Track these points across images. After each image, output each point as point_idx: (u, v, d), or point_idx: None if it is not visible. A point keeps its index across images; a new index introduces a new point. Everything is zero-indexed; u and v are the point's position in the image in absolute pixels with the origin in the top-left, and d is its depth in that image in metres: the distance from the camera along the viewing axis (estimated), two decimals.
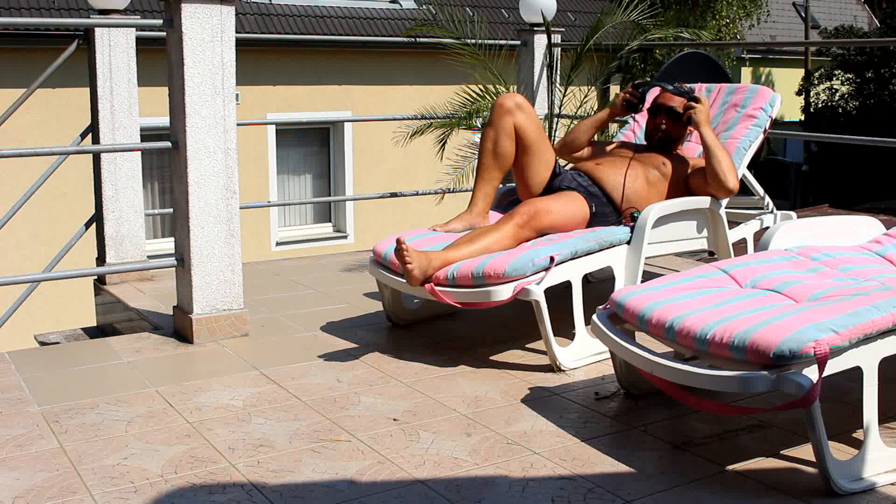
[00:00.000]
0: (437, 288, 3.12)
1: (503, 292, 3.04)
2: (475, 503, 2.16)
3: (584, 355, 3.18)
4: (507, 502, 2.17)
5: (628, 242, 3.35)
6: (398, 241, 3.08)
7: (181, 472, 2.33)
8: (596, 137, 4.05)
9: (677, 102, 3.68)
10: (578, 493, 2.21)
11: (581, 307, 3.21)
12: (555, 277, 3.11)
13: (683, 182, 3.62)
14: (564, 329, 3.20)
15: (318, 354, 3.30)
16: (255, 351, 3.34)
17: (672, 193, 3.60)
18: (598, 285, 3.82)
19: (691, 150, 3.90)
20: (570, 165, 3.87)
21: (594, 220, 3.49)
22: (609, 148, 3.86)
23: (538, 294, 3.03)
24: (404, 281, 3.29)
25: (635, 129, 4.18)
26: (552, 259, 3.08)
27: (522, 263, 3.04)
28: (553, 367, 3.10)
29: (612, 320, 2.67)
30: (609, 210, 3.52)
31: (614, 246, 3.31)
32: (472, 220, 3.56)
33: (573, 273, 3.19)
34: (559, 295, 3.19)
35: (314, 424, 2.64)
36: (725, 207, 3.62)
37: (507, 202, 3.74)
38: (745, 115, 3.85)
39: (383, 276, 3.41)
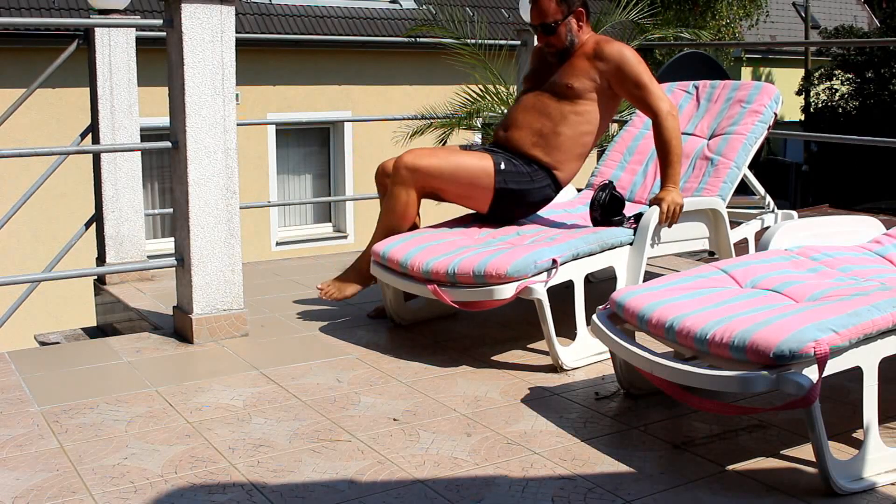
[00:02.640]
0: (439, 288, 3.13)
1: (506, 291, 3.04)
2: (475, 503, 2.16)
3: (585, 355, 3.18)
4: (507, 502, 2.17)
5: (631, 243, 3.35)
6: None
7: (181, 472, 2.33)
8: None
9: (543, 13, 3.53)
10: (578, 493, 2.21)
11: (583, 307, 3.21)
12: (557, 277, 3.11)
13: (602, 91, 3.52)
14: (564, 329, 3.20)
15: (318, 354, 3.30)
16: (255, 351, 3.34)
17: (601, 107, 3.53)
18: (600, 285, 3.82)
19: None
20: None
21: (506, 177, 3.45)
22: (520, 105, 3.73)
23: (541, 293, 3.03)
24: (406, 280, 3.30)
25: (638, 124, 4.18)
26: (555, 262, 3.08)
27: (525, 264, 3.04)
28: (556, 367, 3.10)
29: (612, 320, 2.67)
30: (521, 165, 3.48)
31: (616, 247, 3.31)
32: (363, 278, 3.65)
33: (575, 273, 3.19)
34: (559, 295, 3.19)
35: (314, 424, 2.64)
36: (727, 207, 3.62)
37: None
38: (751, 110, 3.85)
39: (385, 276, 3.41)
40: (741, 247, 3.88)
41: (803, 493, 2.21)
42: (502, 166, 3.49)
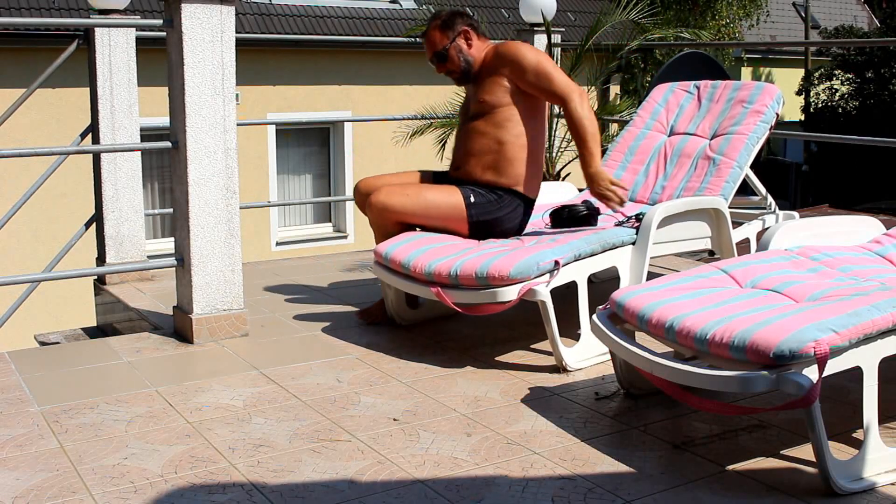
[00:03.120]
0: (442, 290, 3.13)
1: (509, 293, 3.04)
2: (475, 503, 2.16)
3: (589, 356, 3.18)
4: (507, 502, 2.17)
5: (633, 243, 3.34)
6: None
7: (181, 472, 2.33)
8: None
9: (432, 43, 3.61)
10: (578, 493, 2.21)
11: (586, 307, 3.21)
12: (560, 278, 3.11)
13: (516, 93, 3.52)
14: (565, 329, 3.20)
15: (318, 354, 3.30)
16: (255, 351, 3.34)
17: (524, 110, 3.52)
18: (601, 285, 3.82)
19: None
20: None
21: (478, 210, 3.47)
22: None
23: (545, 295, 3.03)
24: (408, 282, 3.30)
25: (639, 124, 4.18)
26: (557, 263, 3.08)
27: (527, 266, 3.04)
28: (559, 368, 3.10)
29: (613, 320, 2.67)
30: (487, 193, 3.49)
31: (617, 247, 3.30)
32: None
33: (578, 274, 3.19)
34: (559, 295, 3.18)
35: (314, 424, 2.64)
36: (728, 207, 3.62)
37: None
38: (753, 110, 3.84)
39: (387, 276, 3.41)
40: (742, 247, 3.88)
41: (803, 493, 2.21)
42: (472, 199, 3.50)
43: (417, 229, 3.54)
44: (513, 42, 3.63)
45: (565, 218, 3.51)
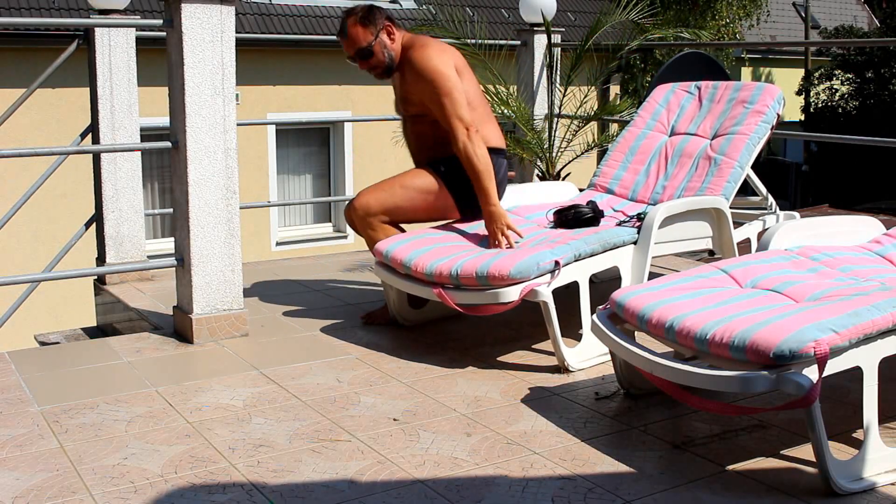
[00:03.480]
0: (444, 290, 3.13)
1: (511, 293, 3.04)
2: (475, 503, 2.16)
3: (590, 356, 3.17)
4: (507, 502, 2.17)
5: (634, 243, 3.34)
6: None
7: (181, 472, 2.33)
8: (596, 139, 4.05)
9: (354, 41, 3.53)
10: (578, 493, 2.21)
11: (588, 308, 3.21)
12: (561, 278, 3.11)
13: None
14: (566, 329, 3.19)
15: (318, 354, 3.30)
16: (255, 351, 3.34)
17: (434, 105, 3.50)
18: (602, 286, 3.82)
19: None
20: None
21: (451, 175, 3.53)
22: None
23: (546, 295, 3.03)
24: (409, 282, 3.30)
25: (640, 124, 4.17)
26: (557, 264, 3.08)
27: (527, 266, 3.04)
28: (560, 368, 3.10)
29: (612, 320, 2.67)
30: (453, 160, 3.50)
31: (618, 247, 3.30)
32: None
33: (579, 274, 3.19)
34: (559, 295, 3.18)
35: (314, 424, 2.64)
36: (729, 207, 3.62)
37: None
38: (754, 111, 3.84)
39: (388, 277, 3.41)
40: (743, 247, 3.88)
41: (803, 493, 2.21)
42: (442, 169, 3.53)
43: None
44: (420, 49, 3.54)
45: (570, 219, 3.51)
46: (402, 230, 3.62)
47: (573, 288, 3.21)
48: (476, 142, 3.42)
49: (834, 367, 2.19)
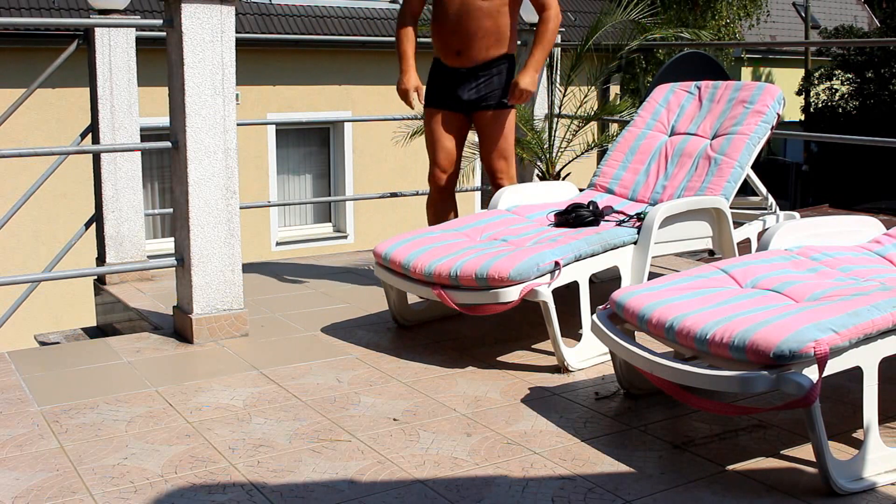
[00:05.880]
0: (443, 290, 3.13)
1: (511, 293, 3.03)
2: (475, 503, 2.16)
3: (590, 356, 3.17)
4: (507, 502, 2.17)
5: (634, 242, 3.34)
6: None
7: (181, 472, 2.33)
8: (596, 139, 4.07)
9: None
10: (578, 493, 2.21)
11: (588, 308, 3.21)
12: (561, 278, 3.10)
13: None
14: (566, 329, 3.20)
15: (318, 354, 3.30)
16: (255, 351, 3.34)
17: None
18: (602, 286, 3.82)
19: None
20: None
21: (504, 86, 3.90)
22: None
23: (546, 295, 3.02)
24: (409, 282, 3.30)
25: (640, 124, 4.17)
26: (557, 264, 3.08)
27: (527, 267, 3.04)
28: (560, 368, 3.10)
29: (613, 320, 2.67)
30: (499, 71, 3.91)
31: (618, 247, 3.30)
32: None
33: (579, 274, 3.19)
34: (559, 295, 3.18)
35: (314, 424, 2.64)
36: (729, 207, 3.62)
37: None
38: (754, 111, 3.84)
39: (388, 277, 3.41)
40: (743, 247, 3.88)
41: (803, 493, 2.21)
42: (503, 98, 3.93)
43: None
44: None
45: (570, 223, 3.50)
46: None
47: (573, 288, 3.21)
48: (560, 21, 3.96)
49: (834, 367, 2.19)
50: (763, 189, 4.22)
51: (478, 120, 3.94)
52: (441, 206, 4.02)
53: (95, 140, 4.27)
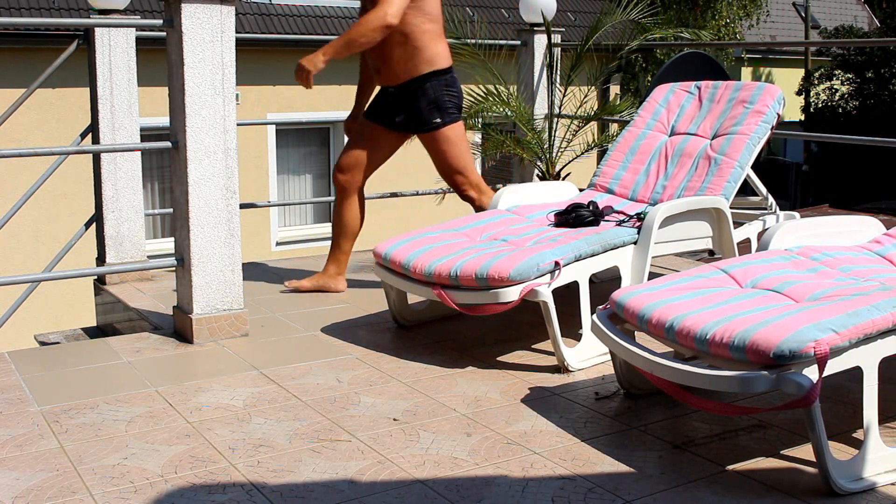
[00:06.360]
0: (444, 290, 3.13)
1: (511, 293, 3.03)
2: (475, 503, 2.16)
3: (590, 356, 3.17)
4: (507, 502, 2.17)
5: (634, 243, 3.34)
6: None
7: (181, 472, 2.33)
8: (596, 139, 4.07)
9: None
10: (578, 493, 2.21)
11: (588, 308, 3.21)
12: (561, 278, 3.10)
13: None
14: (566, 329, 3.20)
15: (318, 354, 3.30)
16: (255, 351, 3.34)
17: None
18: (602, 286, 3.82)
19: None
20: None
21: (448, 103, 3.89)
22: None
23: (546, 295, 3.02)
24: (408, 282, 3.30)
25: (640, 124, 4.17)
26: (557, 264, 3.08)
27: (527, 267, 3.03)
28: (560, 368, 3.10)
29: (612, 320, 2.67)
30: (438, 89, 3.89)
31: (618, 247, 3.30)
32: (323, 281, 4.13)
33: (579, 274, 3.19)
34: (559, 294, 3.18)
35: (314, 424, 2.64)
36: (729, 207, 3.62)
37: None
38: (754, 111, 3.84)
39: (388, 277, 3.41)
40: (743, 247, 3.88)
41: (803, 493, 2.21)
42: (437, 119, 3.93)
43: None
44: None
45: (570, 222, 3.51)
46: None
47: (573, 288, 3.21)
48: (378, 27, 3.68)
49: (834, 367, 2.19)
50: (763, 189, 4.22)
51: (421, 140, 4.02)
52: (339, 207, 4.11)
53: (95, 140, 4.27)
